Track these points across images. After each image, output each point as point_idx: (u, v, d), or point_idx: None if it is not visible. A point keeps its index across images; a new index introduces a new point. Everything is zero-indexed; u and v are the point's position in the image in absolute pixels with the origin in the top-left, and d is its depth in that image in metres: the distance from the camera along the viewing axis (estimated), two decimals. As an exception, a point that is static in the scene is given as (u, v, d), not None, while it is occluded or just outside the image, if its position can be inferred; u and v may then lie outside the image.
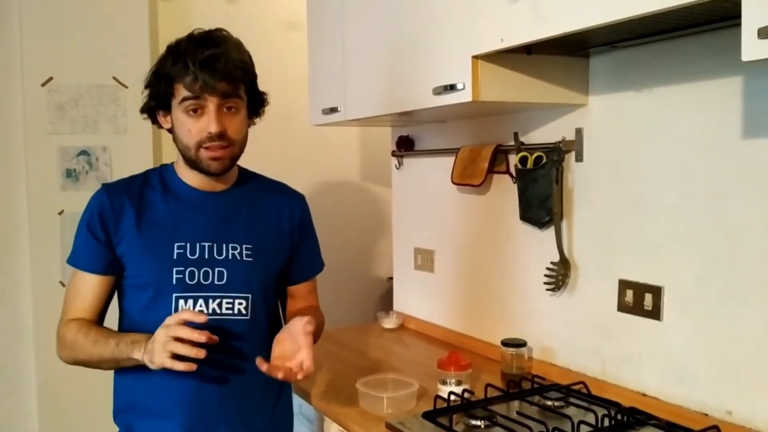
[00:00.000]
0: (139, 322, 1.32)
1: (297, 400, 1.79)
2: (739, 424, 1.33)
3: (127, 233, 1.31)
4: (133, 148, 2.57)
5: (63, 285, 2.46)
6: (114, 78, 2.53)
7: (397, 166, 2.43)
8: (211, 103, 1.25)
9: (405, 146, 2.35)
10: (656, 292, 1.49)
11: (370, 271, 3.27)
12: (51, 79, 2.45)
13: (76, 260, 1.34)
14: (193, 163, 1.31)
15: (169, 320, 1.18)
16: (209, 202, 1.38)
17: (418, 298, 2.37)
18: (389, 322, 2.35)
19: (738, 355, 1.33)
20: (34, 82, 2.43)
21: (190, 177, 1.37)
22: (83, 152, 2.52)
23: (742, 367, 1.33)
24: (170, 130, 1.35)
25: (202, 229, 1.35)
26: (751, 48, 0.91)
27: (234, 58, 1.26)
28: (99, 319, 1.36)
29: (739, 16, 0.94)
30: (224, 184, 1.39)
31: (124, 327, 1.37)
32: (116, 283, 1.36)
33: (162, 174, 1.40)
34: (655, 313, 1.49)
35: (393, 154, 2.43)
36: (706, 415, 1.39)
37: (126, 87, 2.54)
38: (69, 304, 1.35)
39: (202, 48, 1.24)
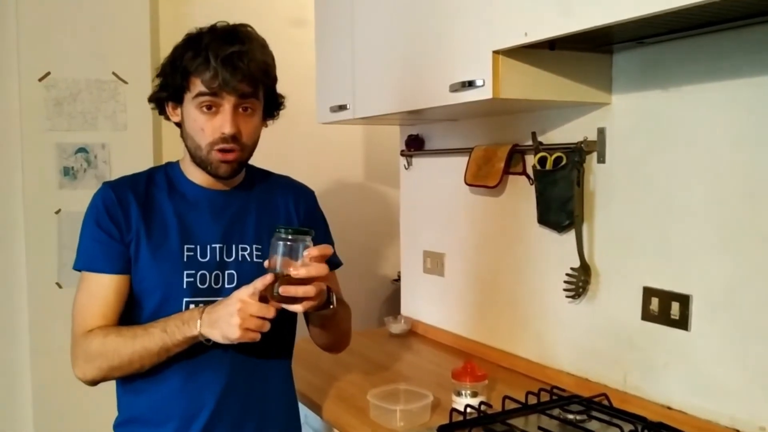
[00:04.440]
0: None
1: (303, 410, 1.72)
2: (774, 442, 1.26)
3: (135, 233, 1.23)
4: (132, 146, 2.50)
5: (60, 286, 2.40)
6: (113, 73, 2.46)
7: (406, 166, 2.36)
8: (228, 103, 1.19)
9: (414, 145, 2.27)
10: (684, 300, 1.42)
11: (375, 273, 3.21)
12: (48, 74, 2.38)
13: (89, 263, 1.22)
14: (202, 164, 1.25)
15: (244, 292, 1.11)
16: (217, 201, 1.31)
17: (427, 303, 2.29)
18: (397, 327, 2.27)
19: (773, 369, 1.27)
20: (31, 77, 2.36)
21: (197, 175, 1.30)
22: (81, 149, 2.45)
23: (778, 381, 1.26)
24: (178, 124, 1.29)
25: (211, 230, 1.28)
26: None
27: (258, 58, 1.21)
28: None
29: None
30: (232, 183, 1.33)
31: None
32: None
33: (167, 172, 1.33)
34: (682, 323, 1.42)
35: (402, 153, 2.36)
36: (737, 430, 1.32)
37: (126, 82, 2.47)
38: (85, 312, 1.21)
39: (226, 44, 1.17)
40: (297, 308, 1.13)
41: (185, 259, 1.23)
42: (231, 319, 1.10)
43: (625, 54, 1.53)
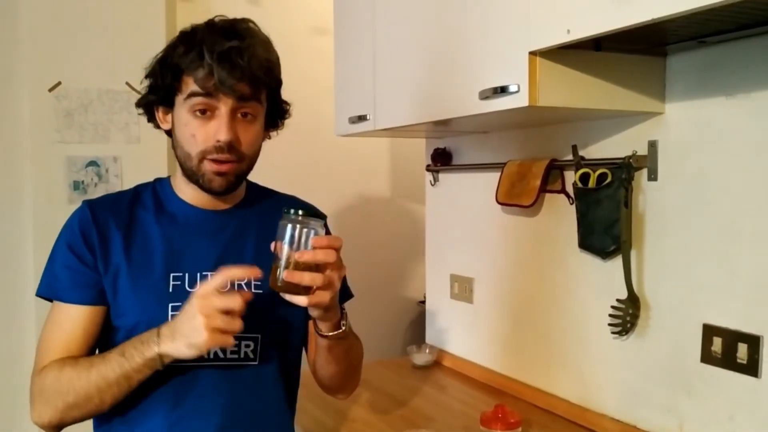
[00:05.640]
0: None
1: (314, 453, 1.55)
2: None
3: (114, 261, 1.08)
4: (146, 159, 2.39)
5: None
6: (127, 83, 2.37)
7: (433, 182, 2.19)
8: (225, 105, 1.04)
9: (441, 160, 2.11)
10: (753, 342, 1.21)
11: (400, 294, 3.04)
12: (59, 83, 2.29)
13: (55, 290, 1.08)
14: (193, 176, 1.08)
15: (204, 289, 0.94)
16: (212, 222, 1.14)
17: (454, 332, 2.11)
18: (420, 358, 2.09)
19: None
20: (41, 87, 2.27)
21: (188, 193, 1.14)
22: (92, 163, 2.35)
23: None
24: (169, 133, 1.14)
25: (203, 255, 1.11)
26: None
27: (259, 55, 1.05)
28: None
29: None
30: (229, 202, 1.17)
31: None
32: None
33: (156, 189, 1.17)
34: (751, 368, 1.22)
35: (428, 168, 2.19)
36: (821, 500, 1.11)
37: (140, 93, 2.35)
38: (47, 346, 1.07)
39: (223, 38, 1.03)
40: (302, 300, 0.95)
41: (171, 290, 1.07)
42: (193, 320, 0.93)
43: (681, 55, 1.34)
